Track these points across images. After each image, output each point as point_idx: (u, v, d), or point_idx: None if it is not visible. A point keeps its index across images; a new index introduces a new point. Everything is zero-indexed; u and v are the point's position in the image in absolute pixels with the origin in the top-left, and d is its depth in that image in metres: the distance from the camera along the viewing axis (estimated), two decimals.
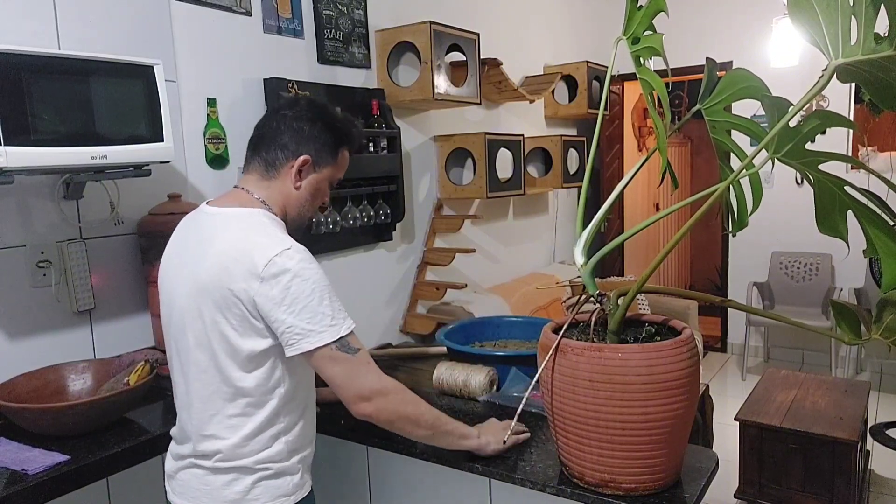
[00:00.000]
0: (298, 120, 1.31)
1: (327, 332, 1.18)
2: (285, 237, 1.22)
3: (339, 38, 2.63)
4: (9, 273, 1.69)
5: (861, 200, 1.11)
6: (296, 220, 1.35)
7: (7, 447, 1.41)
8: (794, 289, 4.69)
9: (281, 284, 1.15)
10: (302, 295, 1.16)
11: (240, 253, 1.18)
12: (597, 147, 1.41)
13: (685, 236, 1.24)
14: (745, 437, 2.75)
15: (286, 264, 1.16)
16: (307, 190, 1.33)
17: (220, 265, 1.18)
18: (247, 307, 1.17)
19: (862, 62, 1.00)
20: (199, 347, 1.23)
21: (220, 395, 1.23)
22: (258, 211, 1.27)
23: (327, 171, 1.35)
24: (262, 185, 1.31)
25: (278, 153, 1.30)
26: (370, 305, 2.89)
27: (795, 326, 1.26)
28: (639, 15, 1.32)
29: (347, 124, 1.38)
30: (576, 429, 1.21)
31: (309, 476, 1.36)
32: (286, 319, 1.16)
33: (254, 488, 1.24)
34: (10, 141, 1.38)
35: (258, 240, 1.19)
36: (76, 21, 1.77)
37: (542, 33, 4.22)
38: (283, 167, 1.31)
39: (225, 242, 1.21)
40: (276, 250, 1.16)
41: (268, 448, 1.25)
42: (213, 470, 1.24)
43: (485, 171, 3.13)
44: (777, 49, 4.11)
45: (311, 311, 1.16)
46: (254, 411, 1.23)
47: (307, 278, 1.17)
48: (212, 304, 1.19)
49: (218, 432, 1.24)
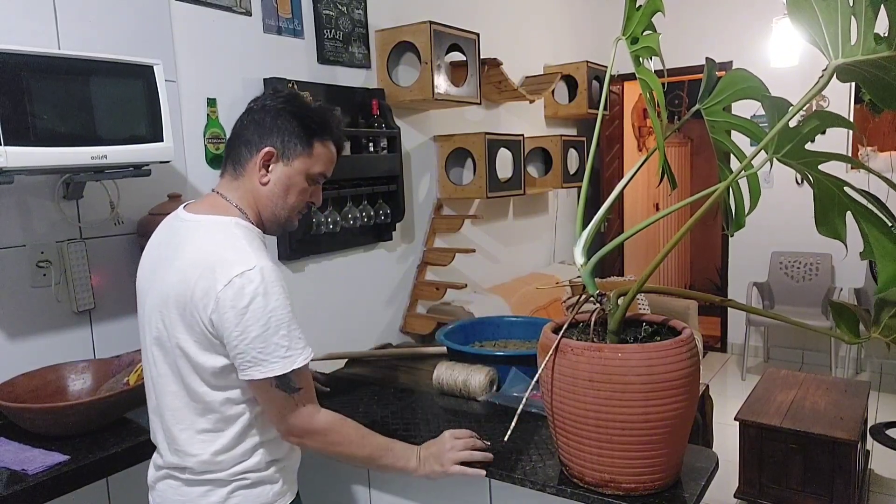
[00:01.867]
0: (261, 112, 1.24)
1: (279, 363, 1.13)
2: (252, 253, 1.15)
3: (339, 38, 2.63)
4: (9, 273, 1.69)
5: (860, 201, 1.11)
6: (272, 220, 1.28)
7: (7, 447, 1.41)
8: (794, 289, 4.69)
9: (236, 309, 1.10)
10: (257, 323, 1.11)
11: (203, 267, 1.13)
12: (597, 147, 1.41)
13: (685, 236, 1.24)
14: (745, 437, 2.75)
15: (245, 288, 1.10)
16: (277, 185, 1.25)
17: (184, 278, 1.14)
18: (205, 324, 1.13)
19: (862, 62, 1.00)
20: (165, 359, 1.20)
21: (189, 409, 1.20)
22: (231, 220, 1.21)
23: (299, 163, 1.26)
24: (233, 187, 1.26)
25: (242, 149, 1.25)
26: (370, 305, 2.89)
27: (795, 326, 1.26)
28: (637, 15, 1.32)
29: (321, 113, 1.29)
30: (576, 429, 1.21)
31: (293, 483, 1.34)
32: (238, 346, 1.12)
33: (230, 498, 1.21)
34: (10, 141, 1.38)
35: (223, 255, 1.14)
36: (76, 21, 1.77)
37: (542, 33, 4.22)
38: (247, 163, 1.24)
39: (191, 254, 1.17)
40: (238, 270, 1.11)
41: (243, 461, 1.22)
42: (186, 482, 1.23)
43: (485, 171, 3.13)
44: (777, 49, 4.12)
45: (264, 340, 1.12)
46: (224, 426, 1.20)
47: (264, 306, 1.11)
48: (176, 316, 1.16)
49: (187, 448, 1.21)
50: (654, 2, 1.29)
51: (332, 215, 2.52)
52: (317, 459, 1.73)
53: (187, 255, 1.17)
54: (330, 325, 2.62)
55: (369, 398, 1.78)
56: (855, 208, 1.11)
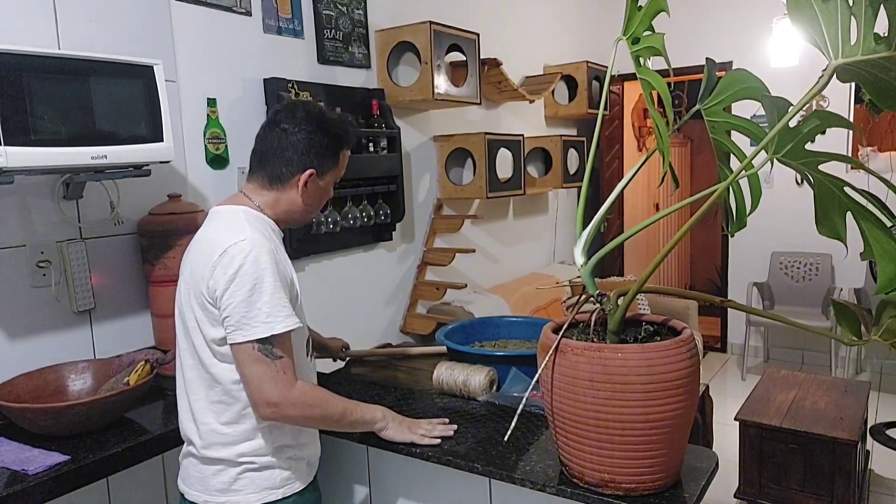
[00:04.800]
0: (298, 133, 1.33)
1: (260, 327, 1.20)
2: (247, 229, 1.25)
3: (339, 38, 2.63)
4: (9, 273, 1.69)
5: (860, 201, 1.11)
6: (299, 221, 1.43)
7: (7, 447, 1.41)
8: (794, 289, 4.69)
9: (227, 274, 1.20)
10: (243, 287, 1.20)
11: (207, 244, 1.26)
12: (597, 147, 1.41)
13: (685, 236, 1.24)
14: (745, 437, 2.75)
15: (236, 256, 1.21)
16: (312, 198, 1.39)
17: (195, 257, 1.28)
18: (205, 295, 1.23)
19: (862, 62, 1.00)
20: (184, 334, 1.32)
21: (202, 381, 1.30)
22: (240, 208, 1.32)
23: (330, 175, 1.40)
24: (262, 194, 1.36)
25: (283, 169, 1.34)
26: (370, 305, 2.89)
27: (795, 326, 1.26)
28: (639, 15, 1.32)
29: (343, 125, 1.41)
30: (576, 429, 1.21)
31: (306, 475, 1.38)
32: (225, 309, 1.21)
33: (238, 479, 1.29)
34: (10, 141, 1.38)
35: (222, 233, 1.26)
36: (76, 21, 1.77)
37: (542, 33, 4.22)
38: (288, 181, 1.35)
39: (202, 236, 1.31)
40: (232, 241, 1.22)
41: (249, 440, 1.29)
42: (202, 459, 1.31)
43: (485, 171, 3.13)
44: (777, 49, 4.11)
45: (248, 304, 1.20)
46: (231, 400, 1.29)
47: (251, 272, 1.20)
48: (192, 293, 1.27)
49: (200, 416, 1.30)
50: (657, 2, 1.29)
51: (332, 215, 2.52)
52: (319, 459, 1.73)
53: (199, 237, 1.32)
54: (330, 326, 2.61)
55: (369, 398, 1.78)
56: (855, 208, 1.11)
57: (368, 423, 1.44)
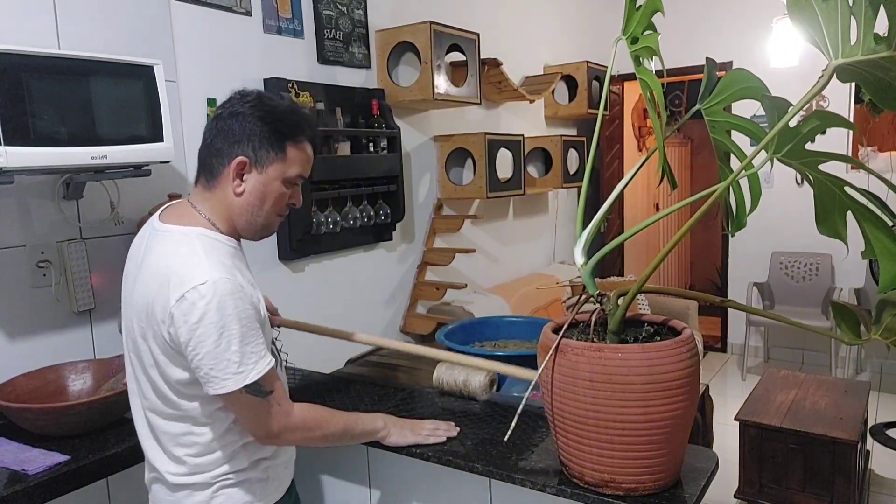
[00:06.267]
0: (230, 119, 1.19)
1: (231, 380, 1.11)
2: (208, 266, 1.12)
3: (339, 38, 2.63)
4: (9, 273, 1.69)
5: (860, 201, 1.11)
6: (247, 228, 1.25)
7: (7, 447, 1.41)
8: (794, 289, 4.69)
9: (189, 323, 1.08)
10: (208, 339, 1.09)
11: (160, 282, 1.12)
12: (597, 147, 1.41)
13: (685, 236, 1.24)
14: (745, 437, 2.75)
15: (197, 303, 1.08)
16: (252, 195, 1.21)
17: (147, 291, 1.14)
18: (165, 338, 1.13)
19: (862, 62, 1.00)
20: (142, 371, 1.21)
21: (168, 415, 1.20)
22: (194, 231, 1.18)
23: (273, 169, 1.21)
24: (204, 198, 1.23)
25: (213, 161, 1.20)
26: (370, 305, 2.89)
27: (795, 326, 1.26)
28: (637, 15, 1.32)
29: (292, 114, 1.24)
30: (576, 429, 1.21)
31: (284, 478, 1.35)
32: (193, 360, 1.11)
33: (214, 498, 1.22)
34: (10, 141, 1.38)
35: (178, 269, 1.12)
36: (76, 21, 1.77)
37: (542, 33, 4.22)
38: (220, 174, 1.20)
39: (152, 265, 1.16)
40: (191, 284, 1.09)
41: (225, 464, 1.22)
42: (171, 487, 1.23)
43: (485, 171, 3.13)
44: (777, 49, 4.11)
45: (215, 357, 1.09)
46: (202, 431, 1.20)
47: (216, 321, 1.09)
48: (145, 327, 1.16)
49: (169, 448, 1.22)
50: (653, 1, 1.29)
51: (332, 215, 2.52)
52: (316, 460, 1.73)
53: (150, 266, 1.16)
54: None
55: (369, 398, 1.78)
56: (855, 208, 1.11)
57: (370, 433, 1.41)
